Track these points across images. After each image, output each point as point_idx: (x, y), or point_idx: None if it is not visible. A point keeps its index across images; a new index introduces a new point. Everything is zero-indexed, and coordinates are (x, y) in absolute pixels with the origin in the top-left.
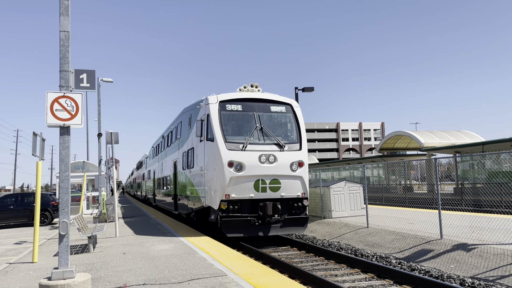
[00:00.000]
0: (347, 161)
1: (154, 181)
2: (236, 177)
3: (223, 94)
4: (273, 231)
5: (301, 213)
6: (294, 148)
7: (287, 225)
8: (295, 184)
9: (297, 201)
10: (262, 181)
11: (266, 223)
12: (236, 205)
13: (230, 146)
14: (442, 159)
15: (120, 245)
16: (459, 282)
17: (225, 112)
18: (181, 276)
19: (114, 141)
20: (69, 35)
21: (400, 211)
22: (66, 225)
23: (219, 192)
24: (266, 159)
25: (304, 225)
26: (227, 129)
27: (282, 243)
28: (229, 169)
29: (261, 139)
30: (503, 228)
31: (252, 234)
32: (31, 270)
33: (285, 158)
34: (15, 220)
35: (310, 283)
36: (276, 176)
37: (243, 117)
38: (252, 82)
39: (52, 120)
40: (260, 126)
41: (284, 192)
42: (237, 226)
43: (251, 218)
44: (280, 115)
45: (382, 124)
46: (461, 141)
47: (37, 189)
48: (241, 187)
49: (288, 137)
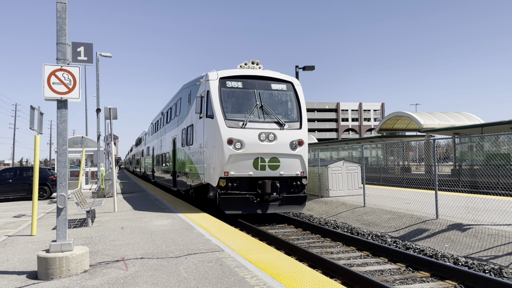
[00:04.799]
0: (346, 141)
1: (153, 158)
2: (235, 155)
3: (223, 70)
4: (271, 209)
5: (300, 192)
6: (294, 126)
7: (286, 203)
8: (294, 163)
9: (296, 179)
10: (261, 159)
11: (264, 201)
12: (235, 183)
13: (230, 123)
14: (440, 140)
15: (119, 220)
16: (453, 261)
17: (225, 89)
18: (179, 250)
19: (113, 116)
20: (66, 6)
21: (397, 191)
22: (64, 198)
23: (218, 169)
24: (266, 137)
25: (302, 203)
26: (227, 106)
27: (280, 220)
28: (229, 147)
29: (261, 117)
30: (498, 209)
31: (250, 212)
32: (30, 242)
33: (285, 137)
34: (14, 194)
35: (305, 260)
36: (275, 154)
37: (243, 94)
38: (253, 59)
39: (49, 93)
40: (261, 103)
41: (283, 170)
42: (235, 203)
43: (249, 195)
44: (281, 93)
45: (382, 104)
46: (461, 122)
47: (35, 163)
48: (240, 164)
49: (289, 116)
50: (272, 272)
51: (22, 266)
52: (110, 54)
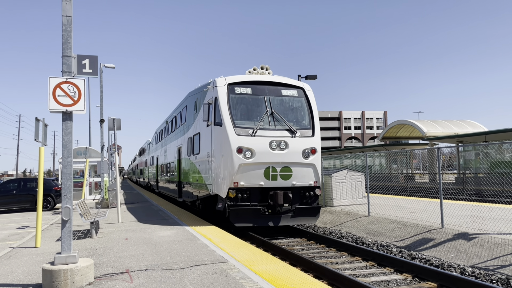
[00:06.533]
0: (349, 150)
1: (157, 168)
2: (245, 164)
3: (231, 76)
4: (283, 221)
5: (313, 203)
6: (306, 134)
7: (298, 215)
8: (307, 172)
9: (309, 190)
10: (272, 168)
11: (276, 212)
12: (245, 194)
13: (239, 131)
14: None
15: (122, 231)
16: (459, 271)
17: (234, 95)
18: (183, 262)
19: (117, 127)
20: (71, 20)
21: (401, 200)
22: (68, 210)
23: (227, 179)
24: (277, 146)
25: (316, 215)
26: (236, 113)
27: (284, 231)
28: (238, 156)
29: (272, 124)
30: (504, 218)
31: (262, 224)
32: (34, 254)
33: (297, 145)
34: (18, 205)
35: (311, 270)
36: (287, 163)
37: (252, 100)
38: (263, 64)
39: (54, 106)
40: (271, 110)
41: (296, 180)
42: (246, 216)
43: (260, 207)
44: (292, 99)
45: (385, 113)
46: (464, 130)
47: (40, 174)
48: (250, 174)
49: (300, 123)
50: (277, 283)
51: (27, 278)
52: (113, 65)
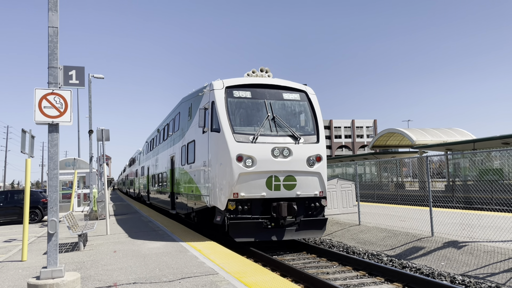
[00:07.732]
0: (340, 158)
1: (149, 178)
2: (245, 173)
3: (229, 79)
4: (288, 235)
5: (319, 214)
6: (310, 140)
7: (304, 228)
8: (312, 182)
9: (314, 200)
10: (275, 177)
11: (279, 225)
12: (245, 205)
13: (239, 137)
14: (433, 156)
15: (111, 243)
16: (449, 279)
17: (232, 99)
18: (172, 274)
19: (105, 138)
20: (58, 31)
21: (391, 208)
22: (55, 223)
23: (226, 190)
24: (279, 153)
25: (322, 228)
26: (235, 118)
27: (282, 243)
28: (238, 164)
29: (274, 130)
30: (493, 226)
31: (265, 239)
32: (20, 268)
33: (301, 152)
34: (5, 217)
35: (301, 281)
36: (291, 172)
37: (252, 105)
38: (262, 67)
39: (40, 117)
40: (272, 115)
41: (300, 190)
42: (247, 230)
43: (262, 220)
44: (294, 103)
45: (375, 121)
46: (453, 138)
47: (26, 186)
48: (251, 184)
49: (304, 128)
50: None
51: None
52: (102, 75)
